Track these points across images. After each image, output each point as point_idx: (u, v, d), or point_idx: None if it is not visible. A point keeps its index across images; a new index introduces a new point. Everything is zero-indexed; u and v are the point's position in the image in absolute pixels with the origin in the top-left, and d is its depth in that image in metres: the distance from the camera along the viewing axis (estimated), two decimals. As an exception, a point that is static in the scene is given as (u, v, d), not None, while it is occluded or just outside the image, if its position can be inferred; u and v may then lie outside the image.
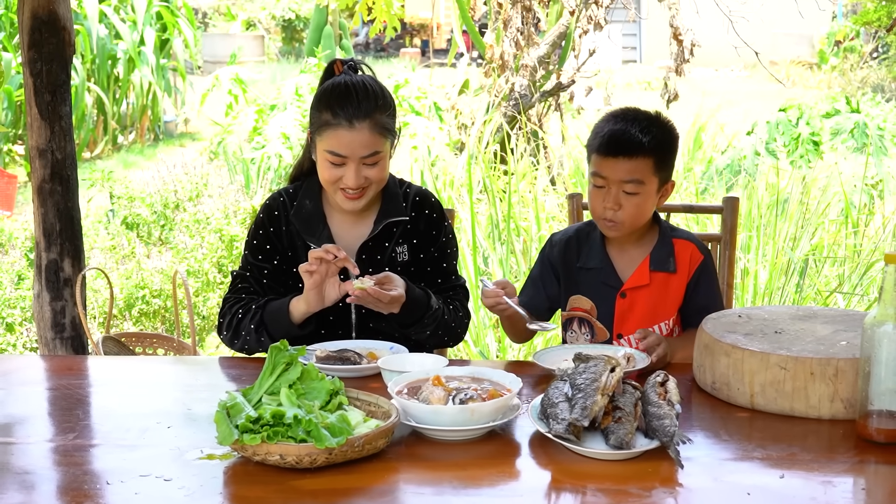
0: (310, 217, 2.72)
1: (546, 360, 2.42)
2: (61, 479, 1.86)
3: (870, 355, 1.95)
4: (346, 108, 2.55)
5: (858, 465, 1.90)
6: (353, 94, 2.57)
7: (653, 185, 2.63)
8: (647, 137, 2.60)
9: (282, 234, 2.73)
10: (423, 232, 2.76)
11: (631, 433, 1.89)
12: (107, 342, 3.70)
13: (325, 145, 2.58)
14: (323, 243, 2.65)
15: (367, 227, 2.72)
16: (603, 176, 2.62)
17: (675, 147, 2.72)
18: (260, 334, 2.60)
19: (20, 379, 2.49)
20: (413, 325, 2.65)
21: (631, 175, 2.59)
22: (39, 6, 3.86)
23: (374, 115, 2.57)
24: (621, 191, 2.60)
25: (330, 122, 2.56)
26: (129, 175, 9.84)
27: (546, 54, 8.30)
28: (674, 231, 2.79)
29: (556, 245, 2.82)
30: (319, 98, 2.62)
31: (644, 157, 2.59)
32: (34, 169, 3.99)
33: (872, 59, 19.40)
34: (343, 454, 1.82)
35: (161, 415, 2.15)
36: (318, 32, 17.82)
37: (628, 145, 2.59)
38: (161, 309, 5.87)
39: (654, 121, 2.66)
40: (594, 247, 2.74)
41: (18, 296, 5.77)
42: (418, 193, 2.80)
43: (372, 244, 2.71)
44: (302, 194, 2.76)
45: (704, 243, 2.88)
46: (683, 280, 2.70)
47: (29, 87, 3.94)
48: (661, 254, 2.70)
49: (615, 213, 2.62)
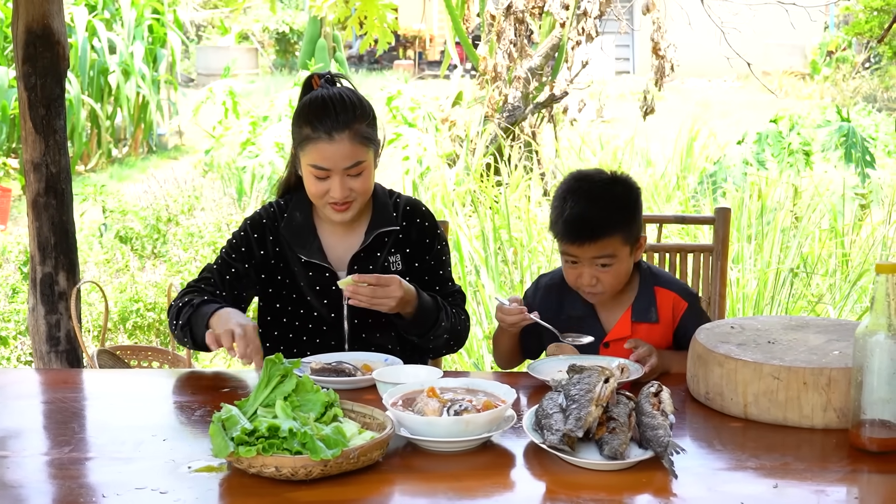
0: (300, 230, 2.73)
1: (540, 372, 2.43)
2: (57, 492, 1.86)
3: (862, 365, 1.96)
4: (324, 121, 2.56)
5: (851, 475, 1.91)
6: (330, 106, 2.58)
7: (625, 253, 2.60)
8: (608, 215, 2.56)
9: (266, 242, 2.73)
10: (415, 241, 2.77)
11: (625, 443, 1.90)
12: (102, 355, 3.71)
13: (308, 160, 2.59)
14: (314, 255, 2.68)
15: (358, 238, 2.73)
16: (573, 255, 2.60)
17: (638, 208, 2.66)
18: (184, 333, 2.58)
19: (15, 392, 2.49)
20: (429, 331, 2.65)
21: (601, 252, 2.56)
22: (34, 20, 3.87)
23: (354, 125, 2.58)
24: (595, 266, 2.58)
25: (310, 136, 2.57)
26: (123, 188, 9.85)
27: (539, 66, 8.33)
28: (656, 279, 2.75)
29: (541, 290, 2.80)
30: (299, 114, 2.63)
31: (609, 236, 2.56)
32: (29, 182, 3.99)
33: (864, 69, 19.46)
34: (338, 466, 1.82)
35: (156, 428, 2.15)
36: (311, 45, 17.84)
37: (591, 230, 2.54)
38: (155, 322, 5.87)
39: (611, 189, 2.61)
40: (578, 296, 2.71)
41: (13, 309, 5.77)
42: (408, 203, 2.80)
43: (363, 255, 2.72)
44: (292, 207, 2.76)
45: (689, 288, 2.85)
46: (668, 329, 2.69)
47: (23, 101, 3.95)
48: (642, 304, 2.68)
49: (593, 286, 2.61)
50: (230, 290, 2.70)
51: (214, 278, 2.71)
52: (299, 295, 2.73)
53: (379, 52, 18.69)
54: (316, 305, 2.72)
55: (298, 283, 2.72)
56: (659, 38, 7.86)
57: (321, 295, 2.72)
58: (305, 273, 2.71)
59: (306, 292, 2.72)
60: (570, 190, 2.62)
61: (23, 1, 3.87)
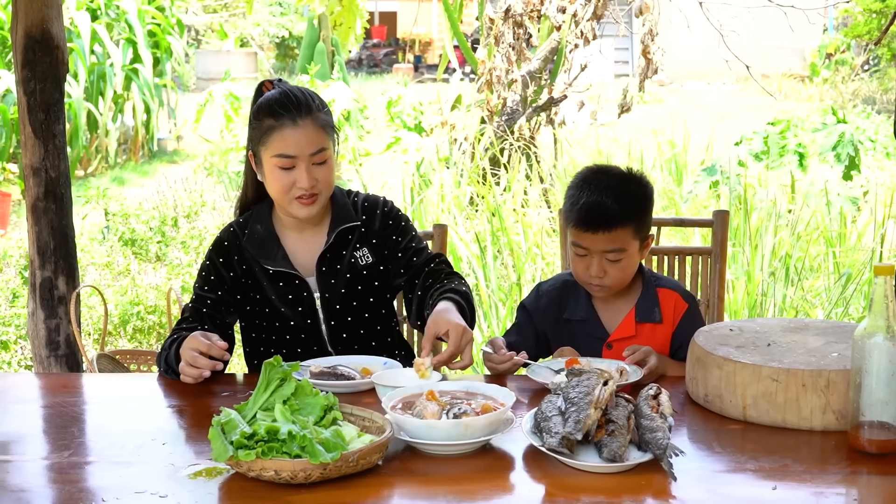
0: (262, 241, 2.71)
1: (539, 375, 2.43)
2: (56, 496, 1.86)
3: (861, 366, 1.96)
4: (287, 108, 2.58)
5: (850, 476, 1.91)
6: (291, 97, 2.61)
7: (634, 248, 2.63)
8: (622, 207, 2.57)
9: (233, 263, 2.72)
10: (378, 231, 2.76)
11: (624, 446, 1.90)
12: (101, 359, 3.71)
13: (272, 151, 2.59)
14: (279, 264, 2.68)
15: (321, 239, 2.73)
16: (583, 247, 2.61)
17: (651, 204, 2.70)
18: (171, 377, 2.53)
19: (15, 397, 2.49)
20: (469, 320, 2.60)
21: (611, 245, 2.58)
22: (33, 25, 3.88)
23: (315, 112, 2.61)
24: (604, 259, 2.60)
25: (273, 125, 2.58)
26: (124, 192, 9.86)
27: (538, 69, 8.34)
28: (658, 280, 2.78)
29: (543, 296, 2.80)
30: (258, 111, 2.64)
31: (622, 227, 2.58)
32: (28, 187, 3.99)
33: (864, 71, 19.46)
34: (337, 469, 1.83)
35: (156, 431, 2.15)
36: (310, 49, 17.87)
37: (605, 219, 2.56)
38: (156, 325, 5.88)
39: (627, 183, 2.64)
40: (580, 299, 2.73)
41: (13, 314, 5.78)
42: (366, 199, 2.81)
43: (329, 255, 2.71)
44: (252, 220, 2.75)
45: (689, 291, 2.88)
46: (669, 329, 2.70)
47: (22, 106, 3.95)
48: (646, 305, 2.70)
49: (601, 279, 2.62)
50: (210, 321, 2.66)
51: (192, 316, 2.68)
52: (272, 308, 2.71)
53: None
54: (290, 315, 2.71)
55: (269, 295, 2.70)
56: (649, 40, 7.94)
57: (294, 303, 2.70)
58: (275, 284, 2.70)
59: (279, 304, 2.70)
60: (587, 180, 2.64)
61: (22, 6, 3.87)
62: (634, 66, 22.23)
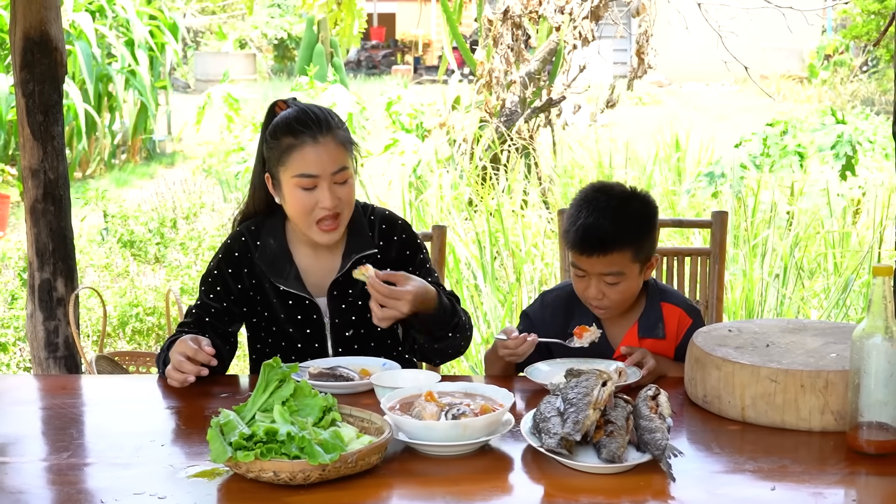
0: (275, 258, 2.64)
1: (538, 375, 2.43)
2: (55, 498, 1.86)
3: (859, 367, 1.96)
4: (307, 126, 2.52)
5: (849, 477, 1.91)
6: (310, 115, 2.55)
7: (634, 270, 2.58)
8: (620, 229, 2.53)
9: (242, 276, 2.65)
10: (395, 258, 2.68)
11: (623, 447, 1.90)
12: (100, 361, 3.71)
13: (292, 171, 2.52)
14: (291, 284, 2.61)
15: (335, 261, 2.65)
16: (581, 269, 2.57)
17: (653, 226, 2.64)
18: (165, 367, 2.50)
19: (14, 398, 2.49)
20: (448, 333, 2.57)
21: (609, 268, 2.54)
22: (31, 27, 3.88)
23: (335, 130, 2.55)
24: (602, 281, 2.56)
25: (293, 144, 2.51)
26: (123, 194, 9.86)
27: (537, 70, 8.34)
28: (662, 294, 2.73)
29: (548, 307, 2.77)
30: (275, 130, 2.57)
31: (620, 250, 2.53)
32: (27, 189, 3.99)
33: (862, 72, 19.48)
34: (336, 470, 1.83)
35: (154, 433, 2.15)
36: (309, 51, 17.88)
37: (601, 243, 2.51)
38: (155, 327, 5.87)
39: (628, 203, 2.60)
40: (584, 312, 2.68)
41: (12, 315, 5.78)
42: (384, 220, 2.72)
43: (342, 280, 2.63)
44: (264, 233, 2.67)
45: (694, 305, 2.83)
46: (672, 345, 2.68)
47: (21, 108, 3.95)
48: (649, 320, 2.67)
49: (600, 300, 2.59)
50: (212, 330, 2.60)
51: (195, 323, 2.63)
52: (279, 326, 2.66)
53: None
54: (297, 336, 2.66)
55: (278, 314, 2.65)
56: (644, 41, 7.96)
57: (302, 325, 2.65)
58: (284, 303, 2.64)
59: (286, 324, 2.65)
60: (587, 200, 2.59)
61: (20, 7, 3.87)
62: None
